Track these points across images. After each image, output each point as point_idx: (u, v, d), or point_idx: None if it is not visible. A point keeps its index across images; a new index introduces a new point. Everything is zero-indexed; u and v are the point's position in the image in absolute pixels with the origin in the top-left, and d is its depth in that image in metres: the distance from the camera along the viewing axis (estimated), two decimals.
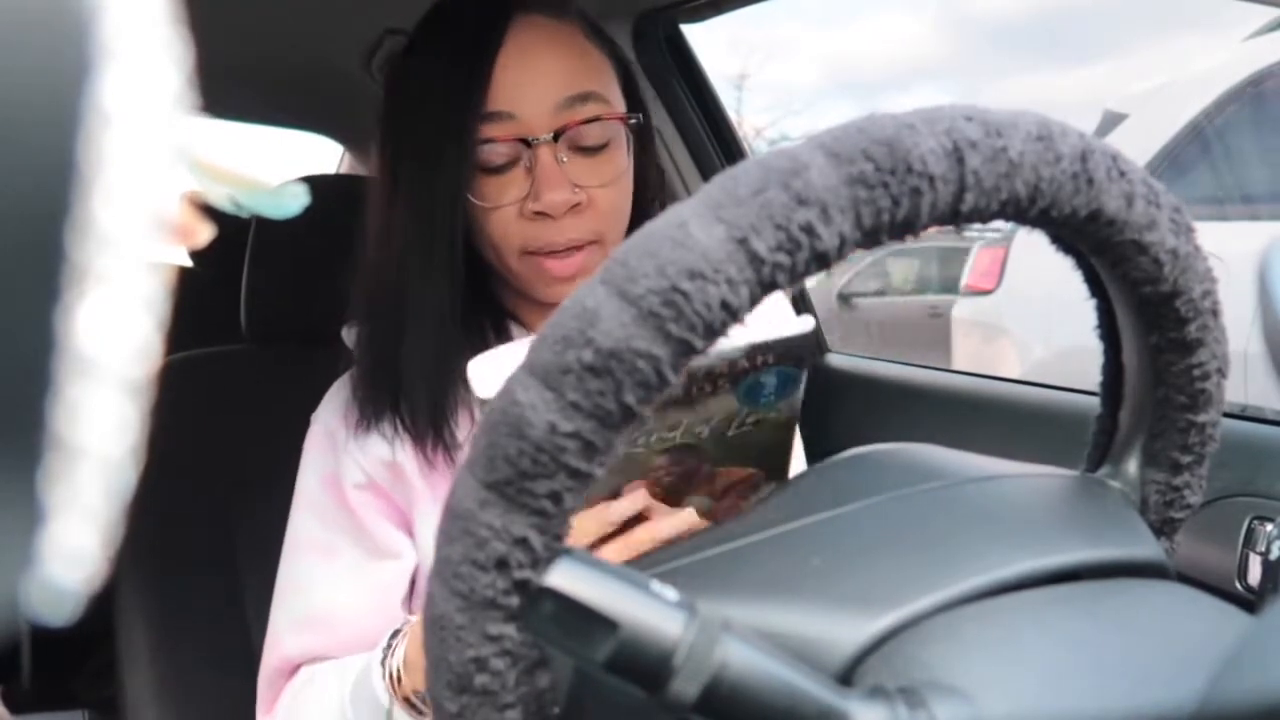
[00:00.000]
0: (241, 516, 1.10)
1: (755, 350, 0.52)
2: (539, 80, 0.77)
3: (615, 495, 0.57)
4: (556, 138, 0.76)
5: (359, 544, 0.80)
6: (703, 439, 0.55)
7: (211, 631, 1.05)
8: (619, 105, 0.81)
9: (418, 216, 0.77)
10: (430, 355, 0.78)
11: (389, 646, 0.70)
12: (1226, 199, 2.49)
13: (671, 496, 0.59)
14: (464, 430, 0.80)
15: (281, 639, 0.79)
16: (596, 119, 0.78)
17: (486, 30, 0.77)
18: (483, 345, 0.81)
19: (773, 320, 0.51)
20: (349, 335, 0.85)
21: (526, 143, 0.76)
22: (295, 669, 0.79)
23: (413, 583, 0.82)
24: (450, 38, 0.78)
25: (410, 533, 0.81)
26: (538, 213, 0.76)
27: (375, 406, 0.80)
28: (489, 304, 0.85)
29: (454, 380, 0.79)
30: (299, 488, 0.84)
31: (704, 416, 0.54)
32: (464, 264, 0.78)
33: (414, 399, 0.78)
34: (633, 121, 0.81)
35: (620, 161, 0.80)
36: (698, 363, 0.49)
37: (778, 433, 0.58)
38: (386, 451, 0.80)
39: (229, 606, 1.07)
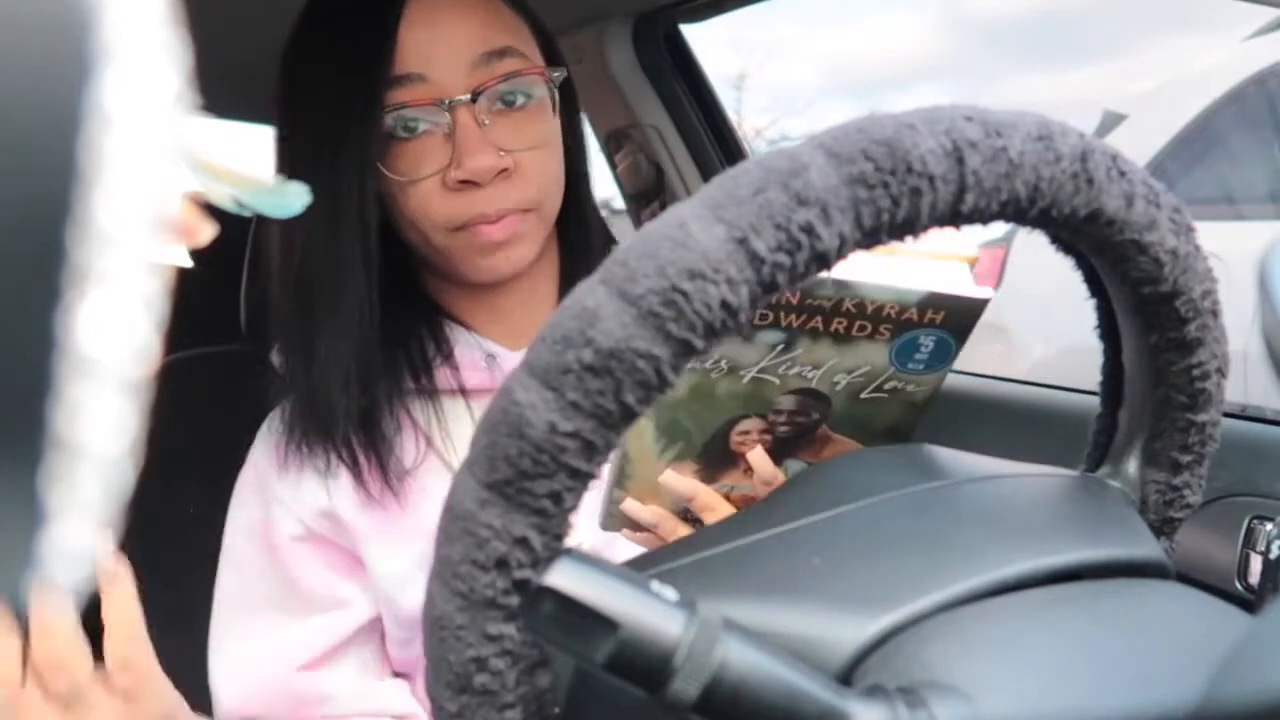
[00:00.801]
0: None
1: (931, 301, 0.49)
2: (450, 37, 0.69)
3: (733, 424, 0.56)
4: (474, 99, 0.69)
5: (283, 605, 0.73)
6: (836, 390, 0.54)
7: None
8: (538, 62, 0.74)
9: (321, 202, 0.66)
10: (351, 368, 0.69)
11: None
12: (1227, 199, 2.49)
13: (775, 453, 0.58)
14: (410, 455, 0.72)
15: (219, 688, 0.74)
16: (516, 74, 0.71)
17: None
18: (418, 349, 0.74)
19: (952, 280, 0.49)
20: (279, 360, 0.75)
21: (443, 106, 0.69)
22: None
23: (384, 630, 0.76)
24: (349, 2, 0.70)
25: (362, 574, 0.74)
26: (463, 181, 0.69)
27: (305, 439, 0.72)
28: (417, 301, 0.77)
29: (386, 394, 0.71)
30: (225, 536, 0.77)
31: (850, 364, 0.52)
32: (382, 257, 0.70)
33: (342, 421, 0.69)
34: (555, 75, 0.74)
35: (546, 122, 0.73)
36: (873, 294, 0.48)
37: (905, 411, 0.57)
38: (322, 497, 0.72)
39: None
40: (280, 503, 0.73)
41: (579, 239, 0.79)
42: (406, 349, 0.73)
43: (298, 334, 0.71)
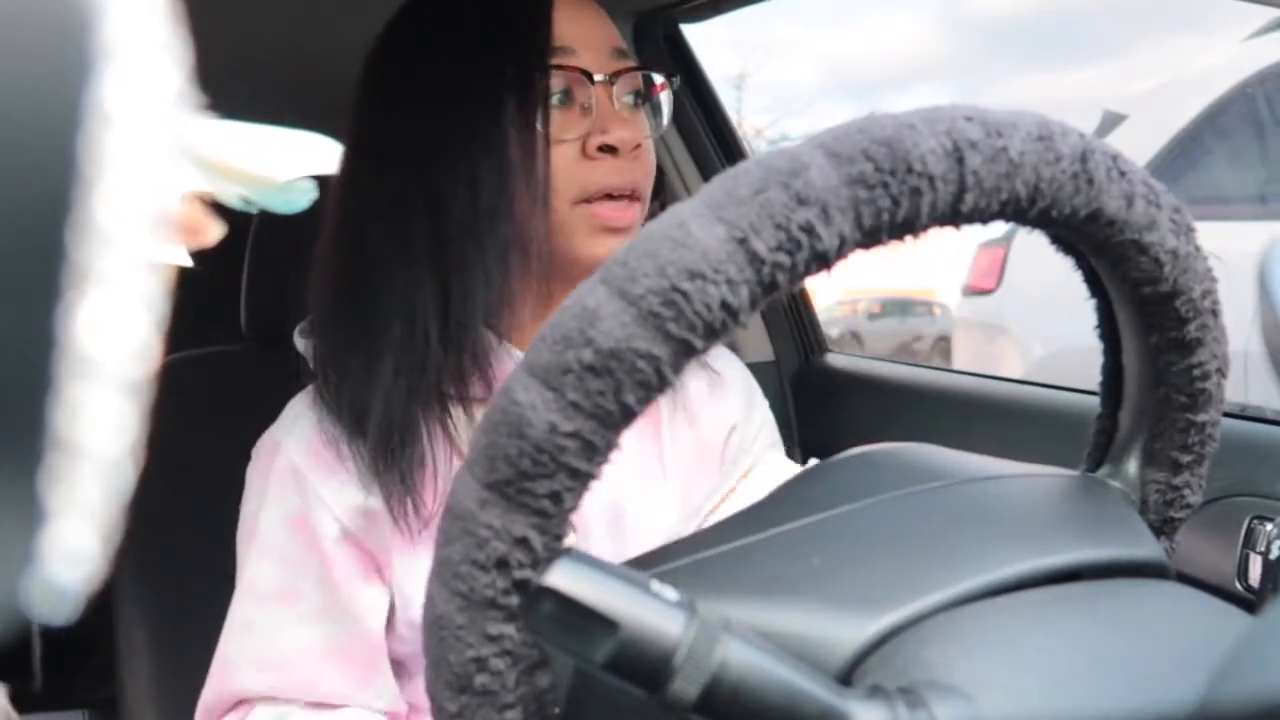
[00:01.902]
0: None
1: None
2: (595, 23, 0.77)
3: None
4: (613, 80, 0.76)
5: (326, 587, 0.74)
6: None
7: (211, 632, 1.05)
8: None
9: (473, 166, 0.72)
10: (441, 360, 0.72)
11: None
12: (1226, 199, 2.49)
13: None
14: (441, 461, 0.73)
15: (239, 673, 0.74)
16: (642, 69, 0.78)
17: None
18: (456, 370, 0.74)
19: None
20: (304, 345, 0.78)
21: (589, 80, 0.75)
22: (248, 703, 0.74)
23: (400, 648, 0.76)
24: None
25: (384, 582, 0.75)
26: (603, 148, 0.74)
27: (346, 439, 0.73)
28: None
29: (430, 395, 0.73)
30: (254, 526, 0.77)
31: None
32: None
33: (400, 419, 0.72)
34: (674, 80, 0.82)
35: (649, 124, 0.81)
36: None
37: None
38: (360, 496, 0.73)
39: (229, 607, 1.07)
40: (320, 501, 0.74)
41: None
42: (459, 358, 0.75)
43: (412, 315, 0.72)
